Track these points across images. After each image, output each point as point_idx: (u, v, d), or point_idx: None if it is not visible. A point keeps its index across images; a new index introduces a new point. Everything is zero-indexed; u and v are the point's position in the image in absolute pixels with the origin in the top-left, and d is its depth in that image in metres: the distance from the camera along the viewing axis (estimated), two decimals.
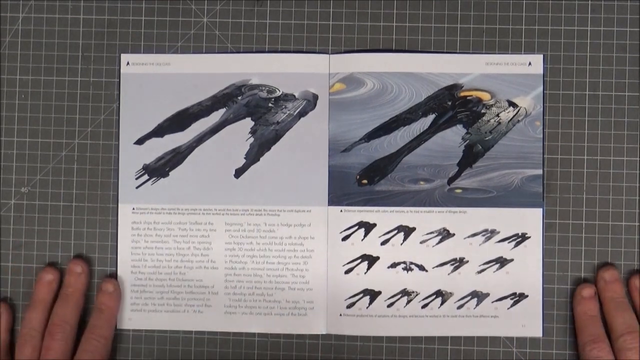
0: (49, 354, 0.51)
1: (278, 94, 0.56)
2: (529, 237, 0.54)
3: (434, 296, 0.54)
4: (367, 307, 0.54)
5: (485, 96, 0.55)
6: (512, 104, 0.55)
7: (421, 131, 0.55)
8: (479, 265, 0.54)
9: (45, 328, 0.53)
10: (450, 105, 0.55)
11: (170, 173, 0.56)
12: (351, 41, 0.56)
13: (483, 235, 0.54)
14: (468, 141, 0.55)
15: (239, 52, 0.56)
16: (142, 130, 0.56)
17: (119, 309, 0.55)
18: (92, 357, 0.52)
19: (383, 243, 0.55)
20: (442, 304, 0.54)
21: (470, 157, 0.55)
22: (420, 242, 0.55)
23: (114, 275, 0.55)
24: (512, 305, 0.54)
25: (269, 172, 0.55)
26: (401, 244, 0.55)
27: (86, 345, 0.52)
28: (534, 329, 0.54)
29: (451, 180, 0.55)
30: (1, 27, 0.57)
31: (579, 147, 0.55)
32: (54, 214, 0.56)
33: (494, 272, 0.54)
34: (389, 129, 0.55)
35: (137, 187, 0.56)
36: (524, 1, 0.55)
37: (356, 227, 0.55)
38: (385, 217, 0.55)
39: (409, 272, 0.55)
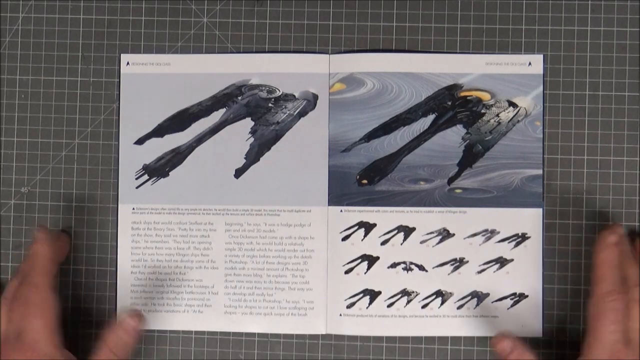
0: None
1: (278, 94, 0.56)
2: (529, 237, 0.54)
3: (434, 296, 0.54)
4: (367, 307, 0.54)
5: (485, 96, 0.55)
6: (512, 104, 0.55)
7: (421, 131, 0.55)
8: (479, 266, 0.54)
9: None
10: (450, 105, 0.55)
11: (170, 173, 0.56)
12: (351, 41, 0.56)
13: (483, 235, 0.54)
14: (468, 141, 0.55)
15: (239, 52, 0.56)
16: (142, 130, 0.56)
17: (51, 255, 0.51)
18: (24, 307, 0.49)
19: (383, 243, 0.55)
20: (442, 304, 0.54)
21: (470, 157, 0.55)
22: (420, 242, 0.55)
23: (114, 275, 0.55)
24: (512, 305, 0.54)
25: (269, 172, 0.55)
26: (401, 244, 0.55)
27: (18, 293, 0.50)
28: (534, 329, 0.54)
29: (451, 180, 0.55)
30: (1, 27, 0.57)
31: (579, 147, 0.55)
32: (54, 214, 0.56)
33: (494, 272, 0.54)
34: (389, 129, 0.55)
35: (137, 187, 0.56)
36: (524, 1, 0.55)
37: (356, 227, 0.55)
38: (385, 217, 0.55)
39: (409, 272, 0.55)
